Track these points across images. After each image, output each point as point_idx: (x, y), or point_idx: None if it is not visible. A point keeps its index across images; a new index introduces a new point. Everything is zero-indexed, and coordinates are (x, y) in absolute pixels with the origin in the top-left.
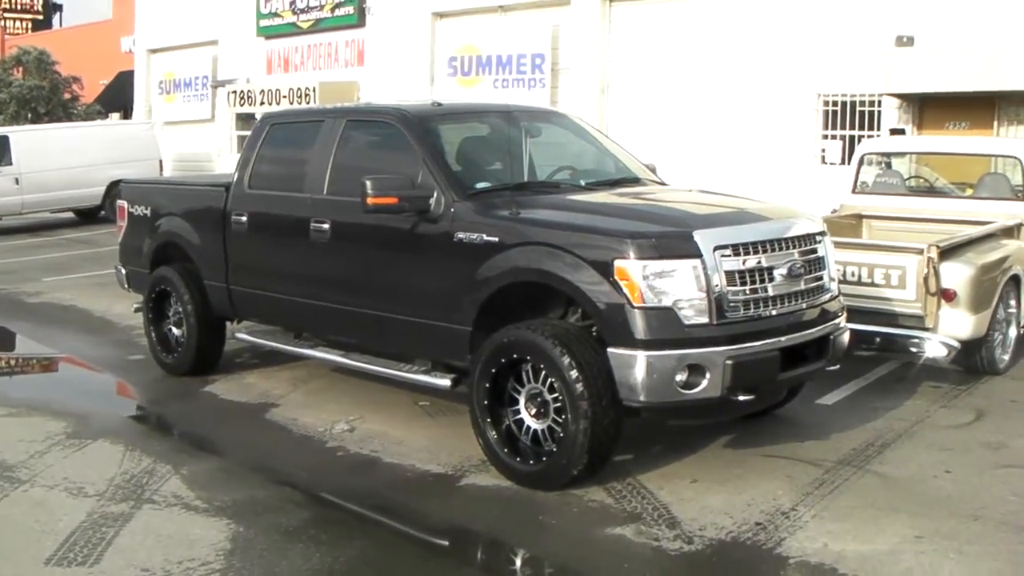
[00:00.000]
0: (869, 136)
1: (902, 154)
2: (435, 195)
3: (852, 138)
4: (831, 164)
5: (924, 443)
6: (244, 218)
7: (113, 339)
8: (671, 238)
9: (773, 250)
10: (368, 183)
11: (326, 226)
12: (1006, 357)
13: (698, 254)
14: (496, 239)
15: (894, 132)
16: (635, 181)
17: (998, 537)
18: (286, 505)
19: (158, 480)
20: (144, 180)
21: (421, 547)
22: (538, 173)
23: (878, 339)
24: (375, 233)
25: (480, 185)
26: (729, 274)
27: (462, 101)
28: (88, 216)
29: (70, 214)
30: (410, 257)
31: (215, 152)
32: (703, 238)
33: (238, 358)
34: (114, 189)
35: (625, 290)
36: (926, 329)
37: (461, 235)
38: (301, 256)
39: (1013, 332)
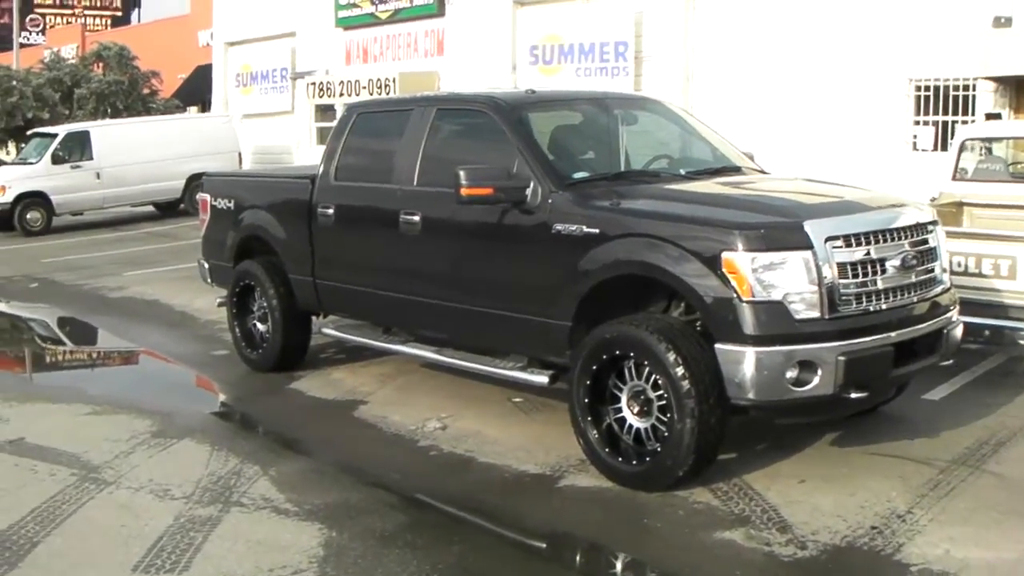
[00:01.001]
0: (963, 122)
1: (1003, 139)
2: (531, 185)
3: (945, 124)
4: (923, 151)
5: None
6: (331, 210)
7: (196, 334)
8: (781, 229)
9: (885, 241)
10: (462, 173)
11: (416, 218)
12: None
13: (809, 245)
14: (597, 231)
15: (990, 117)
16: (736, 170)
17: None
18: (380, 508)
19: (246, 482)
20: (227, 173)
21: (522, 552)
22: (634, 162)
23: (986, 332)
24: (468, 225)
25: (578, 175)
26: (841, 266)
27: (554, 89)
28: (168, 209)
29: (150, 208)
30: (505, 249)
31: (294, 144)
32: (814, 228)
33: (323, 353)
34: (194, 182)
35: (733, 283)
36: None
37: (559, 227)
38: (390, 249)
39: None
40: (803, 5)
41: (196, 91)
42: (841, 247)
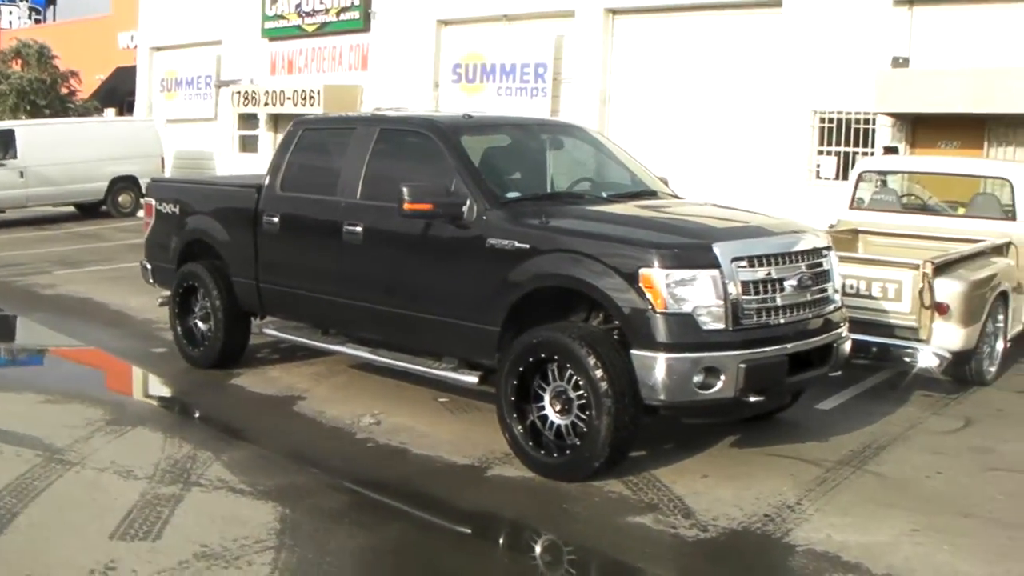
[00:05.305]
0: (864, 153)
1: (898, 172)
2: (468, 203)
3: (847, 155)
4: (826, 179)
5: (917, 447)
6: (276, 219)
7: (134, 332)
8: (692, 249)
9: (784, 263)
10: (406, 190)
11: (359, 229)
12: (993, 368)
13: (717, 264)
14: (527, 246)
15: (888, 150)
16: (652, 194)
17: (987, 532)
18: (325, 490)
19: (201, 465)
20: (173, 179)
21: (456, 531)
22: (560, 184)
23: (874, 348)
24: (408, 237)
25: (510, 195)
26: (744, 284)
27: (487, 114)
28: (89, 211)
29: (71, 208)
30: (442, 260)
31: (217, 151)
32: (722, 249)
33: (259, 353)
34: (117, 184)
35: (649, 296)
36: (920, 340)
37: (493, 241)
38: (333, 257)
39: (1000, 345)
40: (715, 37)
41: (115, 93)
42: (745, 267)
